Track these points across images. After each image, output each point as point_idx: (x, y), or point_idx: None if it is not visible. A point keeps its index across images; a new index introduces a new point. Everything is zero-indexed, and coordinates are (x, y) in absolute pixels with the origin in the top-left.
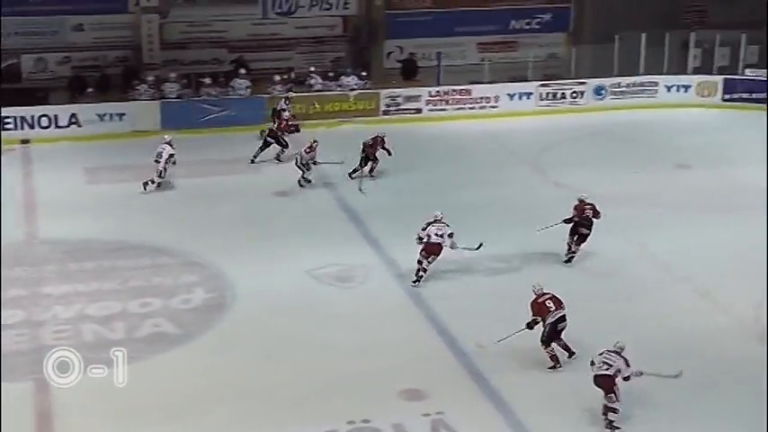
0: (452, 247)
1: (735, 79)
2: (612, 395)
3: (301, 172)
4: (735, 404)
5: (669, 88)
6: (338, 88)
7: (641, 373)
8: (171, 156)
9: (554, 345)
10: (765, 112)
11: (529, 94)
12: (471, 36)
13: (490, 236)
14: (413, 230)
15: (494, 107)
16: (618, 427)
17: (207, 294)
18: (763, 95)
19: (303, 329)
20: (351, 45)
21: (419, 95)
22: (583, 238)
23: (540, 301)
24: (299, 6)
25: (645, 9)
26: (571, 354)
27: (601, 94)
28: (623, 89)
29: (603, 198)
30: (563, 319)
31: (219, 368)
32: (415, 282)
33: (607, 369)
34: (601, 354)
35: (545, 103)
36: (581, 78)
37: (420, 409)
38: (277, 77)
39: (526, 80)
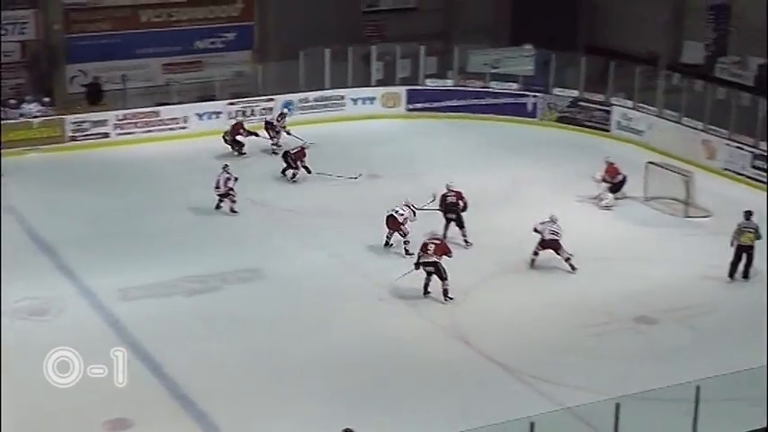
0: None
1: (417, 89)
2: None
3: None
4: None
5: (355, 101)
6: (20, 117)
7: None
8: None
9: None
10: (445, 119)
11: (218, 113)
12: (156, 57)
13: (189, 258)
14: (108, 258)
15: (183, 128)
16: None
17: None
18: (442, 104)
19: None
20: (31, 71)
21: (106, 120)
22: (448, 222)
23: (426, 240)
24: None
25: (327, 25)
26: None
27: (290, 109)
28: (311, 104)
29: (296, 212)
30: (430, 264)
31: None
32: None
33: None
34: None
35: (234, 121)
36: (269, 95)
37: None
38: None
39: (214, 99)
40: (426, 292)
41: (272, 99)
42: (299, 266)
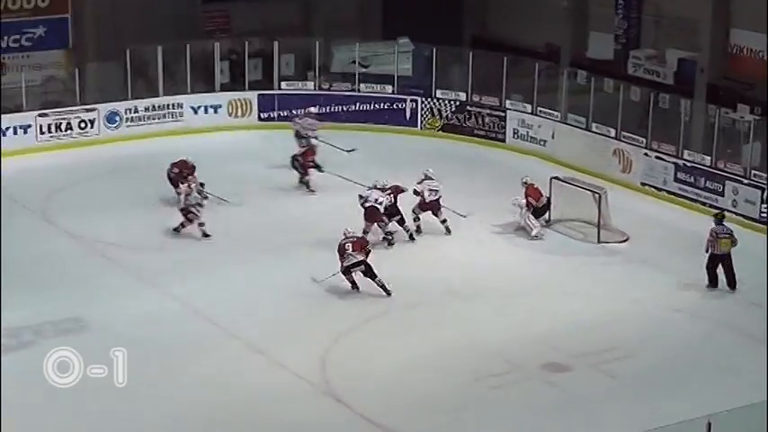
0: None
1: (270, 94)
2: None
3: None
4: None
5: (196, 110)
6: None
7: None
8: None
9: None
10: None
11: (26, 128)
12: None
13: None
14: None
15: None
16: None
17: None
18: (302, 112)
19: None
20: None
21: None
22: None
23: (342, 242)
24: None
25: (159, 17)
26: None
27: (115, 122)
28: (142, 114)
29: (132, 246)
30: (359, 264)
31: None
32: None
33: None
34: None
35: (47, 136)
36: (89, 104)
37: None
38: None
39: (21, 110)
40: (355, 287)
41: (93, 109)
42: (131, 313)
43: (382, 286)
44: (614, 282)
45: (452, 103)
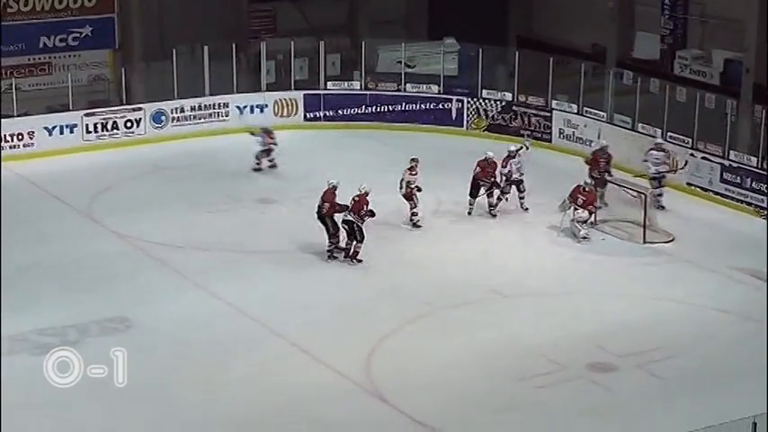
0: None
1: (316, 94)
2: None
3: None
4: None
5: (242, 109)
6: None
7: None
8: None
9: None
10: (351, 130)
11: (72, 127)
12: None
13: (38, 306)
14: None
15: (28, 145)
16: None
17: None
18: (348, 112)
19: None
20: None
21: None
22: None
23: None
24: None
25: (206, 17)
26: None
27: (161, 122)
28: (188, 114)
29: (176, 245)
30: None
31: None
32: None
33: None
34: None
35: (93, 136)
36: (135, 104)
37: None
38: None
39: (68, 110)
40: (332, 257)
41: (139, 109)
42: (175, 313)
43: (355, 252)
44: (659, 282)
45: (498, 103)
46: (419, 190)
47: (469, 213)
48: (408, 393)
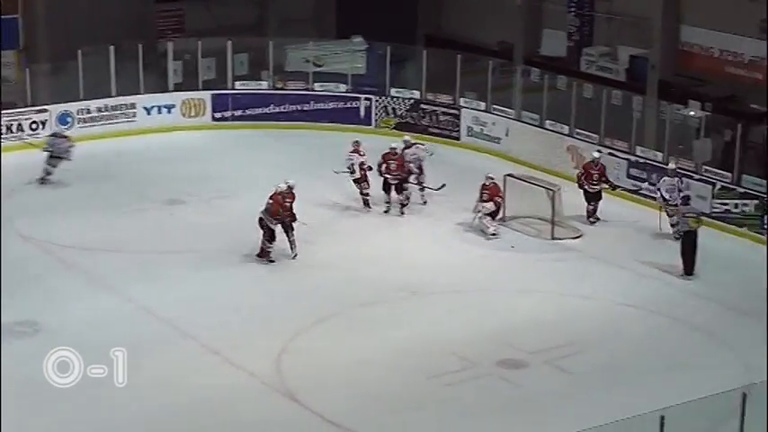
0: None
1: (224, 94)
2: None
3: None
4: None
5: (149, 110)
6: None
7: None
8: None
9: None
10: (260, 130)
11: None
12: None
13: None
14: None
15: None
16: None
17: None
18: (256, 111)
19: None
20: None
21: None
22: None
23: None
24: None
25: (111, 17)
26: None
27: (67, 123)
28: (94, 115)
29: (84, 247)
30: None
31: None
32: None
33: None
34: None
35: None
36: (41, 105)
37: None
38: None
39: None
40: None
41: (44, 111)
42: (84, 315)
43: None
44: (568, 278)
45: (406, 101)
46: (370, 169)
47: (386, 212)
48: (320, 393)
